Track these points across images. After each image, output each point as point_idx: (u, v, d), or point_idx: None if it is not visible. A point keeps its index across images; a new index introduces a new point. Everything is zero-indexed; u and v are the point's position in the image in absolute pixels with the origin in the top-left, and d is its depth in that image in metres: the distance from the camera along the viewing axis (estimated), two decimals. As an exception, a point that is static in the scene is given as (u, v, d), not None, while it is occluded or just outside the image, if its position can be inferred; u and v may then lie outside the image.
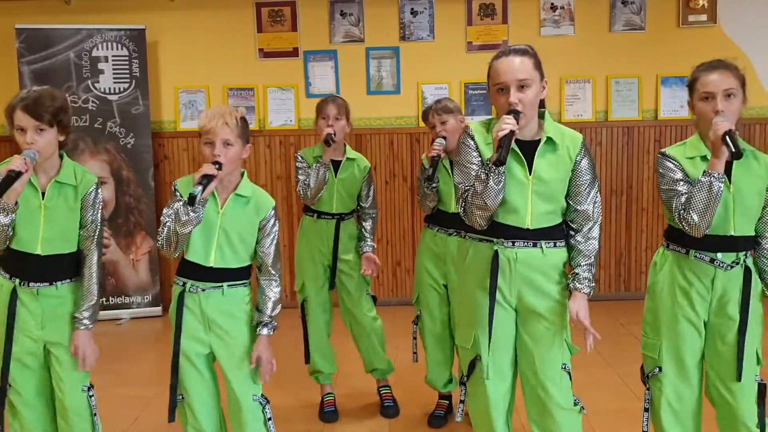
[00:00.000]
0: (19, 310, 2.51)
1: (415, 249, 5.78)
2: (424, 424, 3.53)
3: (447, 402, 3.62)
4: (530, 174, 2.32)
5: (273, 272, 2.54)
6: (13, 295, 2.50)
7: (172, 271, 5.83)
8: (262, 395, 2.55)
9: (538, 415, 2.42)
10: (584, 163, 2.36)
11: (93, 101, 5.44)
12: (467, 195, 2.30)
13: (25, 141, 2.41)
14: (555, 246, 2.38)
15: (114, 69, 5.46)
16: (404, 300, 5.80)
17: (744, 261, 2.43)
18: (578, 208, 2.38)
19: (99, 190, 2.59)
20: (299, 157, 3.51)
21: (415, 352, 3.61)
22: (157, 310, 5.65)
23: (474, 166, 2.32)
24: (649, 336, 2.54)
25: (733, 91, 2.36)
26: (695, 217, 2.30)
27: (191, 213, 2.33)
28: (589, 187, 2.37)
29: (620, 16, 5.64)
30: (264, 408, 2.53)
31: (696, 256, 2.43)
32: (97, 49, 5.44)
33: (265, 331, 2.50)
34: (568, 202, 2.39)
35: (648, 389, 2.57)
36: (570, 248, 2.41)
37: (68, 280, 2.57)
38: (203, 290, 2.47)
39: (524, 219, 2.32)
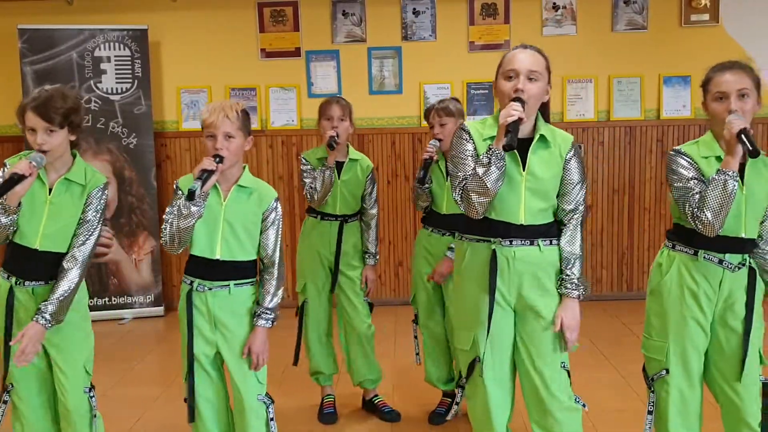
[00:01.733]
0: (18, 310, 2.50)
1: (417, 249, 5.83)
2: (425, 423, 3.53)
3: (450, 399, 3.62)
4: (524, 170, 2.33)
5: (273, 265, 2.52)
6: (10, 295, 2.50)
7: (175, 271, 5.91)
8: (267, 395, 2.55)
9: (539, 415, 2.41)
10: (573, 162, 2.38)
11: (95, 101, 5.44)
12: (465, 183, 2.30)
13: (35, 141, 2.42)
14: (551, 244, 2.39)
15: (116, 69, 5.46)
16: (406, 300, 5.79)
17: (749, 262, 2.43)
18: (565, 207, 2.39)
19: (106, 191, 2.57)
20: (303, 160, 3.50)
21: (417, 353, 3.62)
22: (159, 310, 5.66)
23: (470, 158, 2.33)
24: (654, 338, 2.53)
25: (747, 91, 2.34)
26: (709, 216, 2.27)
27: (192, 207, 2.34)
28: (577, 187, 2.39)
29: (622, 15, 5.64)
30: (267, 408, 2.53)
31: (705, 257, 2.41)
32: (100, 49, 5.44)
33: (260, 322, 2.48)
34: (558, 202, 2.40)
35: (652, 391, 2.56)
36: (559, 249, 2.40)
37: None
38: (210, 289, 2.47)
39: (518, 215, 2.33)
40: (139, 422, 3.63)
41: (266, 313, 2.48)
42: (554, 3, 5.64)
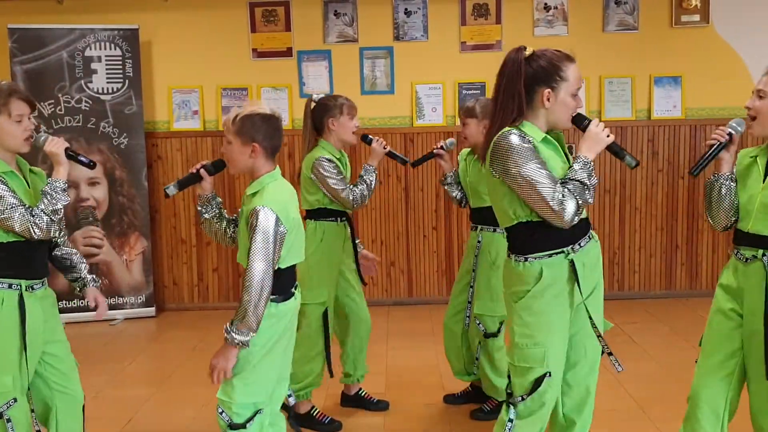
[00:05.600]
0: (29, 320, 2.46)
1: (408, 249, 5.83)
2: (417, 421, 3.54)
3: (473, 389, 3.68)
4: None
5: (245, 279, 2.23)
6: (21, 304, 2.45)
7: (166, 271, 5.87)
8: (230, 415, 2.32)
9: (580, 401, 2.47)
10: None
11: (86, 101, 5.42)
12: (568, 193, 2.19)
13: (25, 128, 2.46)
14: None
15: (107, 69, 5.44)
16: (398, 300, 5.82)
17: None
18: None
19: None
20: (330, 161, 3.36)
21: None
22: (151, 310, 5.63)
23: (546, 167, 2.21)
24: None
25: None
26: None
27: (199, 208, 2.53)
28: None
29: (613, 16, 5.66)
30: (228, 426, 2.33)
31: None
32: (90, 48, 5.42)
33: (227, 337, 2.25)
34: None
35: None
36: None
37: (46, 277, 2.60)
38: None
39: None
40: (131, 423, 3.62)
41: (230, 332, 2.23)
42: (545, 3, 5.65)
